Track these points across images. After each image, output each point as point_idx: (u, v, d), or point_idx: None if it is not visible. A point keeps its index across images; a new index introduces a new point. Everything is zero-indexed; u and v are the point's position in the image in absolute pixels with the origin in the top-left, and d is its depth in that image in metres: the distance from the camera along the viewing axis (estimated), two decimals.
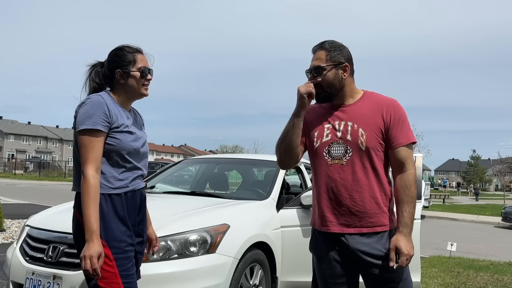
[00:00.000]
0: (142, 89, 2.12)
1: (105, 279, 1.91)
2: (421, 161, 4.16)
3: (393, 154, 2.05)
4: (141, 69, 2.10)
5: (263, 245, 3.25)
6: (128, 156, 2.04)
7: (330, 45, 2.09)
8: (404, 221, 2.00)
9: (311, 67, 2.09)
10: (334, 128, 2.07)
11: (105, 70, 2.13)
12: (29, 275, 2.72)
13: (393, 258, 1.98)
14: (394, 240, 1.99)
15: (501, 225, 15.57)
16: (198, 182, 4.70)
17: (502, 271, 6.24)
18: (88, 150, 1.93)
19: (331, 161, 2.05)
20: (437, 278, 5.48)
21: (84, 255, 1.84)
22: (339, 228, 2.04)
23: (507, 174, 34.67)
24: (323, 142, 2.08)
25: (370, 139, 2.02)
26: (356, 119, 2.05)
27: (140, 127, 2.21)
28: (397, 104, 2.09)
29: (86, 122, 1.94)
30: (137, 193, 2.11)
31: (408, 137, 2.06)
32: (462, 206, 25.18)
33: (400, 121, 2.05)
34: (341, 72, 2.07)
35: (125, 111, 2.11)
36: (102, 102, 1.99)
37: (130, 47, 2.14)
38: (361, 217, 2.01)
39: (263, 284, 3.27)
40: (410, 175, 2.04)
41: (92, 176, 1.90)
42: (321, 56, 2.07)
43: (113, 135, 2.00)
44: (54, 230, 2.88)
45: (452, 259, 7.17)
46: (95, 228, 1.87)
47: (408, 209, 2.00)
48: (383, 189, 2.06)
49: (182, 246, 2.79)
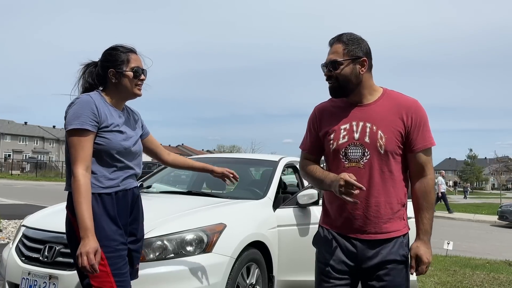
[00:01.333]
0: (135, 89, 2.12)
1: (98, 278, 1.92)
2: None
3: (413, 158, 1.96)
4: (134, 69, 2.09)
5: (260, 244, 3.25)
6: (118, 155, 2.04)
7: (348, 38, 1.96)
8: (425, 228, 1.95)
9: (327, 61, 1.98)
10: (352, 129, 1.96)
11: (98, 69, 2.12)
12: (25, 275, 2.72)
13: (414, 266, 1.94)
14: (415, 248, 1.95)
15: (498, 224, 15.61)
16: (195, 181, 4.70)
17: (498, 270, 6.27)
18: (77, 150, 1.93)
19: (348, 164, 1.95)
20: (434, 276, 5.50)
21: (81, 252, 1.84)
22: (351, 232, 1.96)
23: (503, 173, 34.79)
24: (339, 144, 1.96)
25: (390, 142, 1.92)
26: (375, 120, 1.94)
27: (134, 127, 2.20)
28: (418, 106, 1.98)
29: (74, 122, 1.94)
30: (129, 193, 2.11)
31: (429, 140, 1.96)
32: (459, 205, 25.22)
33: (421, 124, 1.95)
34: (359, 67, 1.95)
35: (116, 110, 2.10)
36: (91, 102, 1.99)
37: (124, 46, 2.13)
38: (375, 222, 1.93)
39: (259, 283, 3.28)
40: (430, 180, 1.97)
41: (82, 175, 1.91)
42: (338, 50, 1.95)
43: (103, 135, 2.00)
44: (50, 230, 2.87)
45: (448, 257, 7.19)
46: (89, 225, 1.87)
47: (428, 216, 1.95)
48: (398, 195, 1.97)
49: (179, 245, 2.79)
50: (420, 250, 1.94)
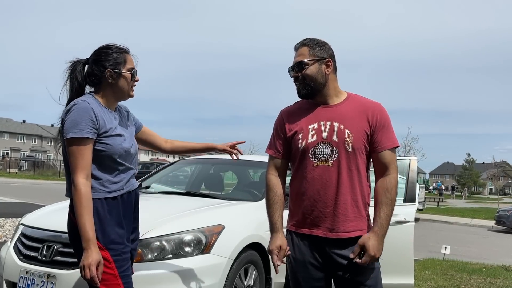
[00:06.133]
0: (130, 90, 2.10)
1: (106, 281, 1.93)
2: (415, 164, 4.19)
3: (377, 158, 2.03)
4: (132, 71, 2.08)
5: (258, 246, 3.25)
6: (120, 159, 2.03)
7: (312, 42, 2.07)
8: (381, 222, 1.96)
9: (294, 63, 2.07)
10: (320, 128, 2.02)
11: (92, 69, 2.06)
12: (23, 274, 2.71)
13: (356, 252, 1.94)
14: (365, 238, 1.95)
15: (495, 229, 15.64)
16: (193, 182, 4.70)
17: (495, 274, 6.27)
18: (77, 158, 1.91)
19: (317, 162, 2.00)
20: (431, 280, 5.51)
21: (83, 264, 1.85)
22: (321, 231, 1.99)
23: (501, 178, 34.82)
24: (308, 143, 2.01)
25: (357, 141, 1.99)
26: (342, 119, 2.01)
27: (127, 125, 2.17)
28: (382, 108, 2.08)
29: (73, 130, 1.91)
30: (132, 194, 2.12)
31: (392, 141, 2.05)
32: (456, 209, 25.26)
33: (385, 125, 2.04)
34: (324, 68, 2.04)
35: (111, 112, 2.08)
36: (89, 109, 1.95)
37: (119, 47, 2.09)
38: (344, 220, 1.97)
39: (257, 285, 3.28)
40: (392, 179, 2.02)
41: (82, 184, 1.89)
42: (304, 52, 2.05)
43: (103, 141, 1.98)
44: (49, 229, 2.87)
45: (445, 262, 7.19)
46: (91, 236, 1.87)
47: (386, 211, 1.98)
48: (363, 193, 2.02)
49: (177, 246, 2.79)
50: (369, 241, 1.93)
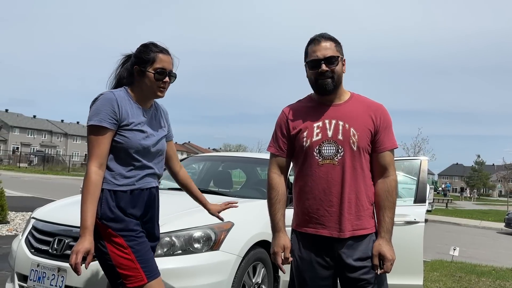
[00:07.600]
0: (157, 90, 2.07)
1: (125, 266, 1.95)
2: (426, 164, 4.15)
3: (377, 158, 2.03)
4: (157, 70, 2.04)
5: (266, 244, 3.25)
6: (137, 154, 2.03)
7: (334, 37, 2.03)
8: (386, 227, 1.98)
9: (323, 57, 1.96)
10: (325, 127, 2.00)
11: (129, 63, 2.11)
12: (34, 267, 2.74)
13: (377, 264, 1.95)
14: (377, 246, 1.96)
15: (504, 231, 15.50)
16: (202, 179, 4.71)
17: (504, 277, 6.22)
18: (94, 146, 1.94)
19: (322, 161, 1.98)
20: (439, 282, 5.48)
21: (73, 249, 1.87)
22: (326, 231, 1.98)
23: (511, 180, 34.46)
24: (313, 141, 1.99)
25: (362, 139, 1.98)
26: (347, 118, 2.00)
27: (158, 126, 2.16)
28: (385, 109, 2.09)
29: (94, 118, 1.95)
30: (145, 192, 2.09)
31: (393, 142, 2.06)
32: (465, 211, 25.07)
33: (387, 126, 2.05)
34: (343, 67, 2.03)
35: (140, 108, 2.08)
36: (113, 99, 1.98)
37: (156, 45, 2.08)
38: (349, 219, 1.97)
39: (265, 283, 3.28)
40: (392, 181, 2.02)
41: (94, 172, 1.92)
42: (331, 47, 1.99)
43: (122, 133, 1.99)
44: (60, 223, 2.89)
45: (454, 263, 7.15)
46: (88, 224, 1.88)
47: (390, 215, 1.99)
48: (367, 192, 2.02)
49: (186, 242, 2.80)
50: (383, 248, 1.96)
